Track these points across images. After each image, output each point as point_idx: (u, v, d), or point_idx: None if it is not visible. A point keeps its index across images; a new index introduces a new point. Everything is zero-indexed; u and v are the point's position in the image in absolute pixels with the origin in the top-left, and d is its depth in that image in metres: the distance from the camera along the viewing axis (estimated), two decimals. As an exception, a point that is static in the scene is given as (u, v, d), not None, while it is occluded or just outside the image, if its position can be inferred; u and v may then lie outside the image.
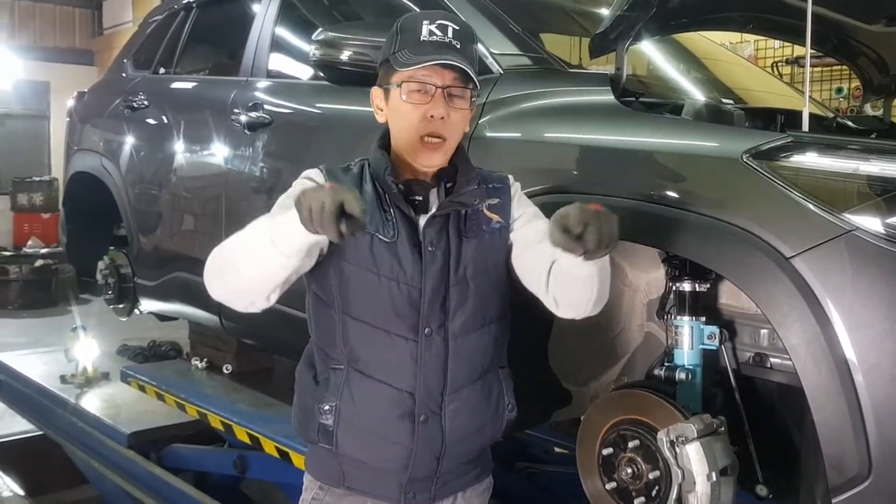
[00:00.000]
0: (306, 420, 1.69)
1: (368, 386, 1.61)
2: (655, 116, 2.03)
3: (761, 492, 1.95)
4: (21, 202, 11.31)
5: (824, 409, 1.54)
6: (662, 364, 2.01)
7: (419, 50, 1.54)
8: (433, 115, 1.56)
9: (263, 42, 3.29)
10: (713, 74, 3.05)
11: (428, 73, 1.55)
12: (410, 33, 1.57)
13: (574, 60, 2.81)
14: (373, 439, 1.63)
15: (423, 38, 1.55)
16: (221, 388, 3.74)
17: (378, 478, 1.67)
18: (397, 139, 1.63)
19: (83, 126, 4.46)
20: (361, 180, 1.63)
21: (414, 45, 1.55)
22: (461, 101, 1.59)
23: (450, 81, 1.56)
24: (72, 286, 8.06)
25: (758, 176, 1.67)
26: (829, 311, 1.53)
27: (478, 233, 1.65)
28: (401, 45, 1.57)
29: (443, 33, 1.56)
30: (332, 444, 1.64)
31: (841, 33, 2.59)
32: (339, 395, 1.62)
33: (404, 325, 1.60)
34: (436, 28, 1.56)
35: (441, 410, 1.63)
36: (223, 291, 1.58)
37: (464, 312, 1.63)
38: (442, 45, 1.55)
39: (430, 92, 1.56)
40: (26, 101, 12.48)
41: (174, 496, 3.31)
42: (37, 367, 4.68)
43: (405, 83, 1.57)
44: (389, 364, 1.61)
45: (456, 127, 1.60)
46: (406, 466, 1.64)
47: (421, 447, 1.63)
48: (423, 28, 1.56)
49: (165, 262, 3.68)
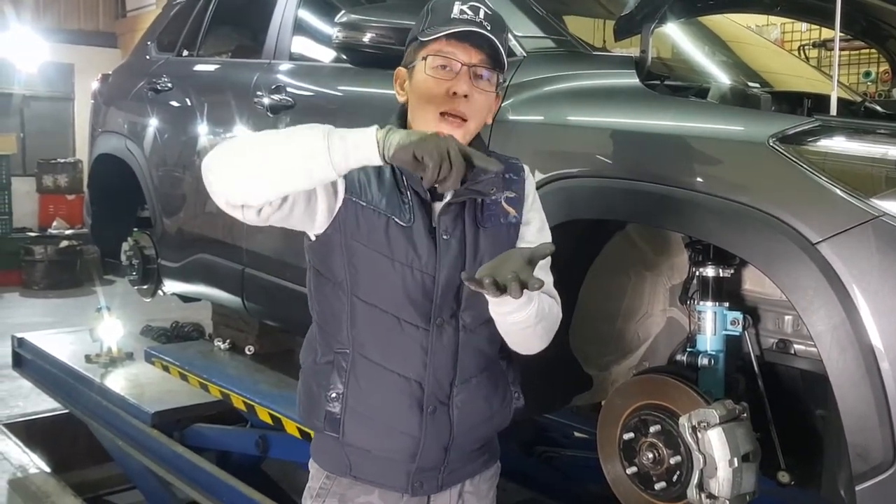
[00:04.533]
0: (311, 407, 1.65)
1: (376, 373, 1.58)
2: (680, 100, 2.01)
3: (783, 478, 1.94)
4: (46, 184, 11.41)
5: (849, 397, 1.53)
6: (685, 349, 2.01)
7: (450, 25, 1.51)
8: (456, 91, 1.52)
9: (286, 24, 3.29)
10: (739, 58, 3.01)
11: (455, 49, 1.52)
12: (441, 12, 1.54)
13: (598, 43, 2.79)
14: (380, 429, 1.60)
15: (453, 16, 1.52)
16: (244, 369, 3.77)
17: (385, 467, 1.64)
18: (416, 116, 1.57)
19: (107, 108, 4.49)
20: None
21: (444, 22, 1.52)
22: (486, 84, 1.55)
23: (476, 61, 1.53)
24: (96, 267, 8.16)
25: (784, 160, 1.65)
26: (855, 297, 1.51)
27: (495, 223, 1.60)
28: (430, 23, 1.54)
29: (474, 13, 1.53)
30: (338, 432, 1.61)
31: (870, 15, 2.55)
32: (346, 383, 1.59)
33: (416, 312, 1.56)
34: (468, 8, 1.53)
35: (449, 401, 1.61)
36: (224, 174, 1.43)
37: (476, 304, 1.58)
38: (472, 22, 1.52)
39: (455, 69, 1.52)
40: (51, 84, 12.56)
41: (196, 475, 3.35)
42: (62, 347, 4.74)
43: (431, 57, 1.53)
44: (398, 352, 1.57)
45: (479, 109, 1.55)
46: (414, 456, 1.61)
47: (429, 437, 1.60)
48: (455, 7, 1.53)
49: (189, 244, 3.71)
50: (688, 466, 1.78)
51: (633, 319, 2.25)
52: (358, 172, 1.52)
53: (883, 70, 5.01)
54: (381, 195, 1.55)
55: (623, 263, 2.21)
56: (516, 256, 1.37)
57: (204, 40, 3.99)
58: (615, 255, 2.20)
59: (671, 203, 1.80)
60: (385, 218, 1.53)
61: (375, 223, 1.53)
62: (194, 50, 4.01)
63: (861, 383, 1.51)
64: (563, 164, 2.04)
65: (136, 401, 3.80)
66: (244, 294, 3.33)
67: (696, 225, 1.80)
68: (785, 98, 2.14)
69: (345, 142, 1.36)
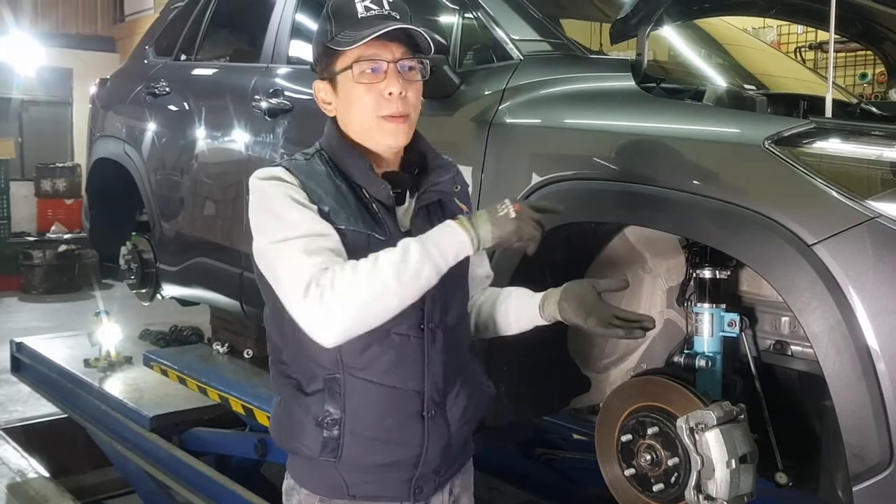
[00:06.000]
0: (298, 434, 1.58)
1: (373, 392, 1.54)
2: (676, 102, 2.02)
3: (781, 479, 1.95)
4: (45, 188, 11.41)
5: (845, 397, 1.53)
6: (682, 351, 2.01)
7: (360, 26, 1.49)
8: (391, 91, 1.50)
9: (284, 28, 3.29)
10: (735, 60, 3.02)
11: (377, 50, 1.50)
12: (346, 14, 1.51)
13: (595, 46, 2.79)
14: (382, 445, 1.57)
15: (360, 16, 1.50)
16: (242, 373, 3.77)
17: (385, 480, 1.61)
18: (354, 126, 1.56)
19: (105, 112, 4.49)
20: (332, 175, 1.55)
21: (354, 24, 1.50)
22: (414, 73, 1.54)
23: (399, 54, 1.52)
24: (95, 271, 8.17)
25: (780, 162, 1.65)
26: (851, 298, 1.51)
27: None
28: (338, 29, 1.51)
29: (379, 7, 1.51)
30: (335, 456, 1.55)
31: (865, 17, 2.56)
32: (343, 406, 1.54)
33: (406, 322, 1.53)
34: (370, 3, 1.51)
35: (445, 402, 1.61)
36: (350, 324, 1.42)
37: (455, 303, 1.62)
38: (382, 17, 1.50)
39: (382, 69, 1.51)
40: (49, 88, 12.57)
41: (196, 478, 3.35)
42: (61, 351, 4.74)
43: (355, 64, 1.50)
44: (394, 366, 1.54)
45: (415, 101, 1.55)
46: (416, 464, 1.60)
47: (431, 443, 1.59)
48: (358, 6, 1.51)
49: (187, 248, 3.71)
50: (685, 468, 1.79)
51: (631, 321, 2.25)
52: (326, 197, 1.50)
53: (879, 72, 5.01)
54: (356, 214, 1.52)
55: (620, 266, 2.22)
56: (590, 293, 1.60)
57: (202, 44, 3.99)
58: (613, 257, 2.21)
59: (668, 205, 1.80)
60: (366, 235, 1.52)
61: (358, 243, 1.50)
62: (192, 54, 4.01)
63: (857, 384, 1.51)
64: (560, 166, 2.05)
65: (135, 405, 3.80)
66: (243, 297, 3.33)
67: (692, 227, 1.80)
68: (781, 100, 2.14)
69: (443, 254, 1.44)
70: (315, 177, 1.53)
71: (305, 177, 1.52)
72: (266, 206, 1.51)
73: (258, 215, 1.52)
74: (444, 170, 1.63)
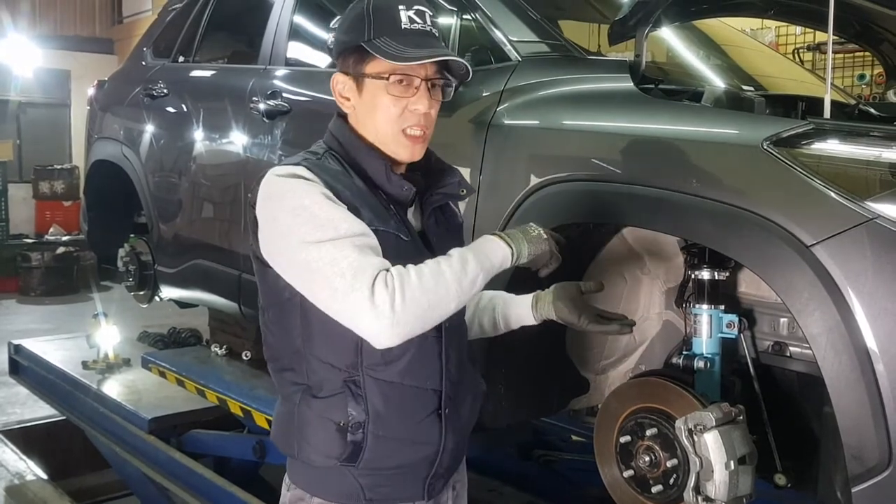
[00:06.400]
0: (310, 442, 1.54)
1: (395, 393, 1.53)
2: (675, 103, 2.02)
3: (780, 480, 1.95)
4: (43, 190, 11.39)
5: (844, 399, 1.53)
6: (681, 352, 2.01)
7: (405, 41, 1.48)
8: (418, 108, 1.52)
9: (282, 30, 3.29)
10: (733, 61, 3.02)
11: (414, 67, 1.50)
12: (388, 20, 1.50)
13: (593, 47, 2.79)
14: (404, 445, 1.56)
15: (404, 27, 1.49)
16: (241, 375, 3.76)
17: (401, 481, 1.60)
18: (370, 130, 1.55)
19: (103, 114, 4.49)
20: (348, 173, 1.53)
21: (396, 33, 1.49)
22: (440, 93, 1.56)
23: (432, 73, 1.52)
24: (93, 273, 8.17)
25: (778, 163, 1.65)
26: (849, 299, 1.51)
27: (455, 224, 1.72)
28: (378, 32, 1.49)
29: (422, 21, 1.51)
30: (356, 461, 1.53)
31: (864, 19, 2.56)
32: (365, 409, 1.51)
33: None
34: (414, 15, 1.50)
35: (458, 397, 1.62)
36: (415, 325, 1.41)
37: None
38: (424, 33, 1.50)
39: (414, 84, 1.51)
40: (47, 90, 12.56)
41: (194, 481, 3.34)
42: (59, 353, 4.73)
43: (392, 75, 1.49)
44: (415, 366, 1.54)
45: (434, 120, 1.57)
46: (433, 463, 1.60)
47: (447, 440, 1.59)
48: (402, 14, 1.50)
49: (185, 250, 3.70)
50: (684, 469, 1.78)
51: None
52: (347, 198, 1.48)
53: (877, 73, 5.02)
54: (381, 215, 1.52)
55: (619, 267, 2.22)
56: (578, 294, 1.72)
57: (200, 46, 3.99)
58: (611, 258, 2.21)
59: (666, 206, 1.80)
60: (394, 236, 1.51)
61: (386, 244, 1.47)
62: (190, 56, 4.01)
63: (856, 385, 1.51)
64: (558, 168, 2.05)
65: (134, 407, 3.79)
66: (241, 299, 3.33)
67: (691, 228, 1.80)
68: (779, 101, 2.14)
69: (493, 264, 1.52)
70: (335, 176, 1.50)
71: (327, 175, 1.49)
72: (294, 205, 1.43)
73: (282, 215, 1.44)
74: (449, 173, 1.65)
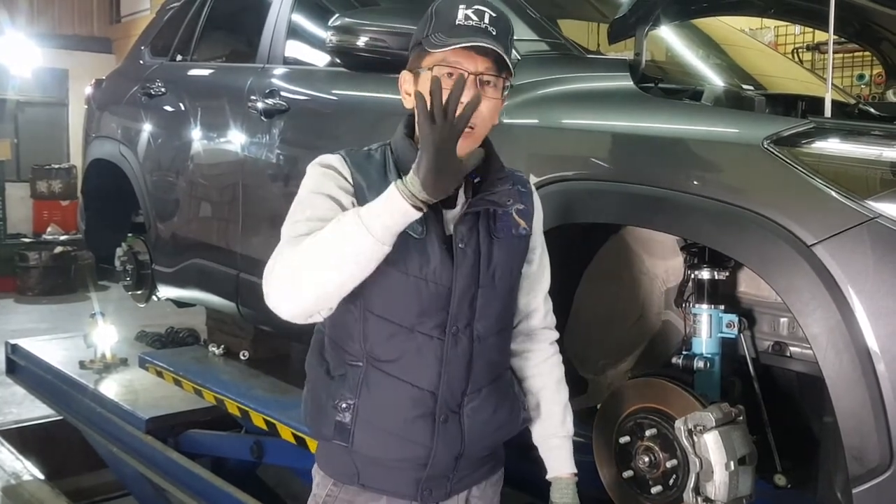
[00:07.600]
0: (319, 416, 1.64)
1: (389, 384, 1.57)
2: (674, 102, 2.01)
3: (780, 481, 1.94)
4: (40, 189, 11.39)
5: (845, 399, 1.53)
6: (680, 352, 2.00)
7: (453, 33, 1.49)
8: (463, 101, 1.48)
9: (280, 29, 3.28)
10: (733, 60, 3.02)
11: (461, 59, 1.50)
12: (445, 17, 1.51)
13: (592, 46, 2.79)
14: (391, 438, 1.59)
15: (458, 22, 1.50)
16: (238, 374, 3.75)
17: (394, 475, 1.63)
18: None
19: (101, 113, 4.48)
20: (385, 169, 1.57)
21: (448, 28, 1.50)
22: (493, 91, 1.54)
23: (482, 69, 1.51)
24: (91, 273, 8.15)
25: (779, 162, 1.65)
26: (850, 299, 1.51)
27: (507, 235, 1.61)
28: (434, 29, 1.51)
29: (479, 18, 1.51)
30: (347, 441, 1.60)
31: (863, 18, 2.56)
32: (358, 393, 1.58)
33: (431, 322, 1.55)
34: (472, 13, 1.51)
35: (461, 410, 1.60)
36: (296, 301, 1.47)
37: (490, 314, 1.59)
38: (477, 29, 1.50)
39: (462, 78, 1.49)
40: (45, 89, 12.55)
41: (191, 481, 3.34)
42: (56, 353, 4.72)
43: (437, 67, 1.51)
44: (412, 363, 1.56)
45: (485, 116, 1.53)
46: (424, 465, 1.61)
47: (440, 446, 1.59)
48: (459, 12, 1.51)
49: (183, 249, 3.69)
50: (684, 470, 1.78)
51: (629, 322, 2.25)
52: (368, 193, 1.50)
53: (876, 73, 5.02)
54: None
55: (618, 267, 2.21)
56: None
57: (198, 45, 3.98)
58: (610, 258, 2.20)
59: (666, 206, 1.80)
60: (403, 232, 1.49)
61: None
62: (188, 55, 4.01)
63: (857, 386, 1.50)
64: (557, 167, 2.04)
65: (131, 407, 3.78)
66: (239, 299, 3.32)
67: (690, 228, 1.80)
68: (779, 100, 2.14)
69: (377, 215, 1.38)
70: (366, 169, 1.56)
71: (356, 169, 1.56)
72: (302, 190, 1.57)
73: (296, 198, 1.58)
74: (503, 181, 1.60)
